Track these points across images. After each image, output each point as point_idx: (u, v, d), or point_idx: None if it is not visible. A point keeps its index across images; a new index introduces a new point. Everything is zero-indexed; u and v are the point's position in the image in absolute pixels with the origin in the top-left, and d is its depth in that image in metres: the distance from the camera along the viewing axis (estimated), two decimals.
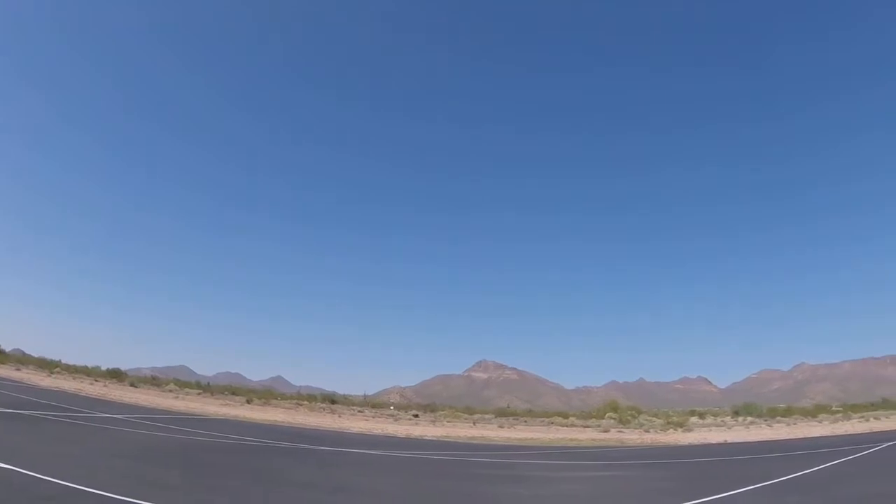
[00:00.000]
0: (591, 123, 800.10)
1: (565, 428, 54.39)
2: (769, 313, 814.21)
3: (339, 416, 54.74)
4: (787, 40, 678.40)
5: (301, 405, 64.42)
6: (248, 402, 62.90)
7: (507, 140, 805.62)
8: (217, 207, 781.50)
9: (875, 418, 59.57)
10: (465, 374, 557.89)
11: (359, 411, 62.60)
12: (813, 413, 67.98)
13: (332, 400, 71.77)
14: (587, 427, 54.76)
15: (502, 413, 71.92)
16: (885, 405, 76.70)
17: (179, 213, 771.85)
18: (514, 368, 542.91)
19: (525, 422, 60.97)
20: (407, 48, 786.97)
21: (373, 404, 75.81)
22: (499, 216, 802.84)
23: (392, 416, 60.84)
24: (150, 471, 14.88)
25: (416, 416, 62.40)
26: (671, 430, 51.81)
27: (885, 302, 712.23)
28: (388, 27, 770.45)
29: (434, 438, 38.31)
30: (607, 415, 62.40)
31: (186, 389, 70.01)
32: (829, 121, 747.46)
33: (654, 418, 60.50)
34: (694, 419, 62.51)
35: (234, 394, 70.40)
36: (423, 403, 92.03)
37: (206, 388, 76.00)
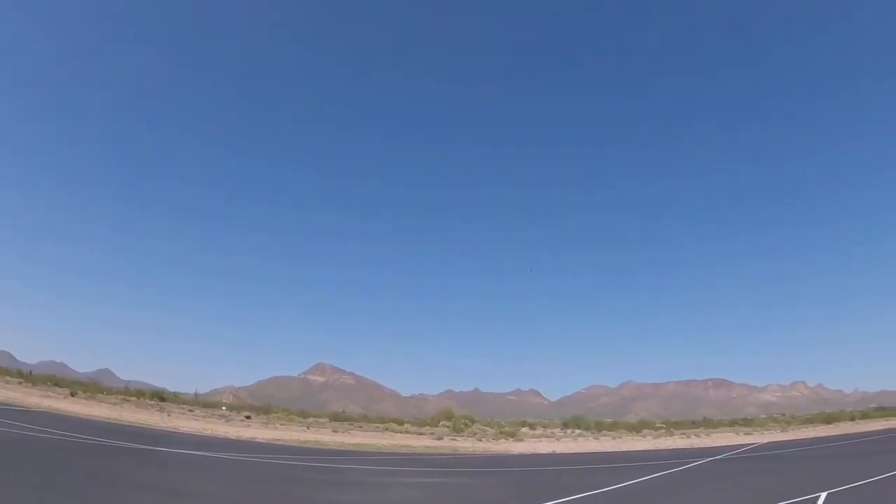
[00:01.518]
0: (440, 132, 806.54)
1: (400, 434, 54.56)
2: (599, 332, 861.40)
3: (169, 415, 51.88)
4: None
5: (128, 401, 60.35)
6: (73, 394, 58.66)
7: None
8: (55, 182, 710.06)
9: (696, 435, 64.08)
10: (302, 376, 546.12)
11: (189, 410, 59.61)
12: (637, 428, 72.29)
13: (161, 397, 67.94)
14: (422, 434, 55.30)
15: (337, 417, 71.04)
16: (706, 424, 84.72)
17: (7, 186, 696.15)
18: (352, 373, 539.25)
19: (360, 427, 60.50)
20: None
21: (204, 403, 72.36)
22: (342, 215, 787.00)
23: (224, 416, 58.27)
24: None
25: (249, 417, 60.21)
26: (503, 440, 53.41)
27: (711, 328, 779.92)
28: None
29: (266, 441, 37.45)
30: (441, 423, 63.26)
31: (6, 377, 64.72)
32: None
33: (487, 427, 62.12)
34: (525, 429, 64.89)
35: (57, 385, 65.37)
36: (257, 405, 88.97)
37: (28, 376, 70.43)
